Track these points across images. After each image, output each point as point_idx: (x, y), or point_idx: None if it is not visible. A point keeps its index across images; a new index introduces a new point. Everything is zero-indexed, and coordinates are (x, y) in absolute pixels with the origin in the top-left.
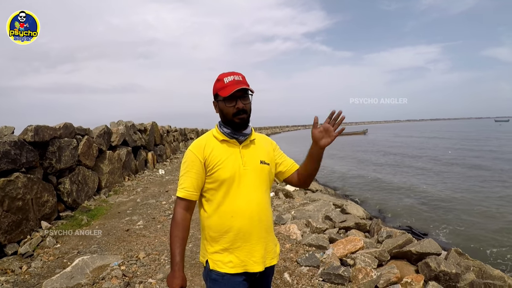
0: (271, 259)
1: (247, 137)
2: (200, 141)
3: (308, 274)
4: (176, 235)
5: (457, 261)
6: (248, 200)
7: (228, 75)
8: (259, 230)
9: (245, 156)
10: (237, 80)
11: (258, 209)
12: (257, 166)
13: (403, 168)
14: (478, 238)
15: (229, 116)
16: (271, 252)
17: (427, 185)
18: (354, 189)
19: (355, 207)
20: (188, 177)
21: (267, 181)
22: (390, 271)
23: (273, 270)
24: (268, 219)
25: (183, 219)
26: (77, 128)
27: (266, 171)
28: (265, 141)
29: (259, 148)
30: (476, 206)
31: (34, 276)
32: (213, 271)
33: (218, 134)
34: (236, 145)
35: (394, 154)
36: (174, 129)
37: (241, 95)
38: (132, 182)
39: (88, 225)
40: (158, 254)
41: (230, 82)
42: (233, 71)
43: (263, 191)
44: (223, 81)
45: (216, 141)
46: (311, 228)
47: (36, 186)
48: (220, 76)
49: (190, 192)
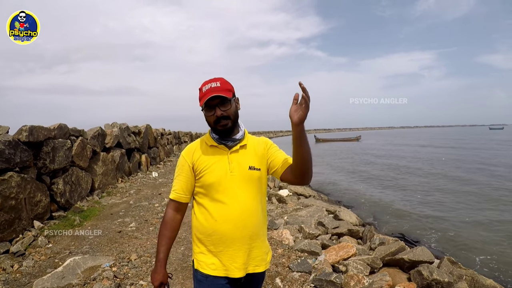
0: (255, 266)
1: (237, 142)
2: (191, 146)
3: (299, 280)
4: (163, 234)
5: (450, 270)
6: (233, 205)
7: (206, 83)
8: (242, 236)
9: (233, 162)
10: (213, 87)
11: (243, 215)
12: (245, 172)
13: (396, 175)
14: (471, 247)
15: (211, 124)
16: (256, 259)
17: (420, 193)
18: (347, 195)
19: (348, 213)
20: (179, 180)
21: (256, 187)
22: (382, 278)
23: (262, 277)
24: (254, 225)
25: (172, 219)
26: (72, 129)
27: (256, 177)
28: (258, 144)
29: (250, 153)
30: (469, 214)
31: (26, 275)
32: (198, 272)
33: (208, 139)
34: (224, 150)
35: (387, 162)
36: (168, 132)
37: (219, 102)
38: (125, 184)
39: (80, 226)
40: (150, 257)
41: (207, 90)
42: (214, 78)
43: (252, 198)
44: (201, 90)
45: (206, 146)
46: (304, 234)
47: (29, 185)
48: (201, 85)
49: (179, 194)
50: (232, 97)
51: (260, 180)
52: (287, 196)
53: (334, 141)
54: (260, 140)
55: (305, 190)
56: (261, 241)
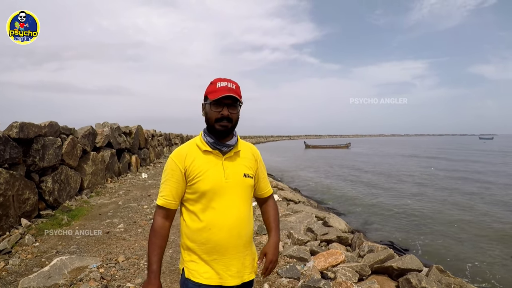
0: (249, 273)
1: (231, 148)
2: (182, 150)
3: (288, 286)
4: (153, 243)
5: (439, 278)
6: (228, 214)
7: (222, 81)
8: (237, 245)
9: (228, 168)
10: (229, 87)
11: (238, 224)
12: (240, 179)
13: (385, 183)
14: (460, 255)
15: (211, 120)
16: (249, 267)
17: (409, 201)
18: (337, 202)
19: (337, 220)
20: (168, 185)
21: (249, 194)
22: (370, 286)
23: (252, 283)
24: (247, 233)
25: (161, 227)
26: (62, 128)
27: (249, 184)
28: (250, 151)
29: (243, 160)
30: (458, 223)
31: (11, 274)
32: (189, 280)
33: (201, 143)
34: (219, 156)
35: (376, 169)
36: (159, 133)
37: (229, 103)
38: (114, 185)
39: (68, 225)
40: (138, 259)
41: (222, 87)
42: (229, 79)
43: (245, 205)
44: (215, 85)
45: (199, 150)
46: (293, 240)
47: (18, 183)
48: (214, 80)
49: (169, 200)
50: (242, 103)
51: (251, 188)
52: (277, 201)
53: (323, 148)
54: (250, 146)
55: (294, 196)
56: (251, 248)
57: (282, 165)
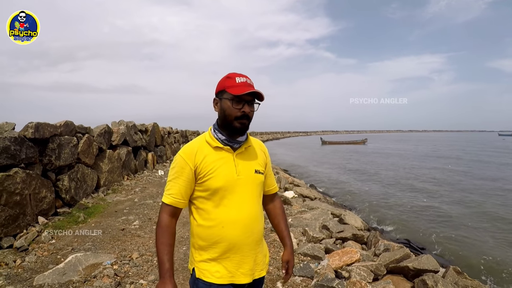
0: (260, 270)
1: (241, 144)
2: (191, 146)
3: (301, 284)
4: (162, 242)
5: (455, 280)
6: (241, 210)
7: (240, 76)
8: (250, 242)
9: (239, 164)
10: (249, 83)
11: (251, 221)
12: (252, 175)
13: (402, 180)
14: (478, 256)
15: (230, 117)
16: (260, 263)
17: (427, 200)
18: (353, 198)
19: (353, 217)
20: (176, 183)
21: (260, 190)
22: (385, 286)
23: (262, 280)
24: (259, 230)
25: (169, 225)
26: (78, 127)
27: (260, 180)
28: (259, 148)
29: (254, 156)
30: (478, 223)
31: (27, 271)
32: (200, 280)
33: (211, 139)
34: (230, 152)
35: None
36: (175, 130)
37: (249, 101)
38: (131, 182)
39: (84, 223)
40: (152, 255)
41: (242, 83)
42: (245, 74)
43: (256, 201)
44: (234, 79)
45: (209, 147)
46: (308, 237)
47: (34, 182)
48: (230, 74)
49: (177, 199)
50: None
51: (262, 184)
52: (292, 198)
53: (340, 144)
54: (259, 143)
55: (311, 192)
56: (263, 245)
57: (298, 161)
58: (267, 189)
